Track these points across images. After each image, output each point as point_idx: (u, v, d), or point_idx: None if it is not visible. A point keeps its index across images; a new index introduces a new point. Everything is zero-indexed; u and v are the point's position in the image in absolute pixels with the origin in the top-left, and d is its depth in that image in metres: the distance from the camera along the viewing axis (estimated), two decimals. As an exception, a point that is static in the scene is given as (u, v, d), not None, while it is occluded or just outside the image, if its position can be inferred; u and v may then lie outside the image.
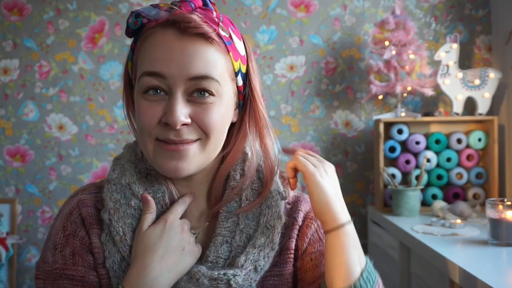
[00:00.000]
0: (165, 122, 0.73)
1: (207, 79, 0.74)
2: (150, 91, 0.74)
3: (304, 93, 2.24)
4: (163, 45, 0.73)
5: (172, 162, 0.75)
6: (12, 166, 2.27)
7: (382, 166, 1.99)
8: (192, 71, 0.73)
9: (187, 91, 0.74)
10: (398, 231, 1.70)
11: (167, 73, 0.73)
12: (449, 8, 2.22)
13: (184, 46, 0.73)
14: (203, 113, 0.74)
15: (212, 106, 0.75)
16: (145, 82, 0.74)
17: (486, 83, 1.99)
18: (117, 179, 0.81)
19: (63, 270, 0.77)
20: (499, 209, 1.35)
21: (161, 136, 0.74)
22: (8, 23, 2.28)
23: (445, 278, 1.32)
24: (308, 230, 0.86)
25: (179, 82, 0.73)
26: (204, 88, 0.74)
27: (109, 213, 0.78)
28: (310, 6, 2.25)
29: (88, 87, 2.27)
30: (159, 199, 0.80)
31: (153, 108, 0.74)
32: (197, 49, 0.73)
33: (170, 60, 0.72)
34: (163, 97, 0.74)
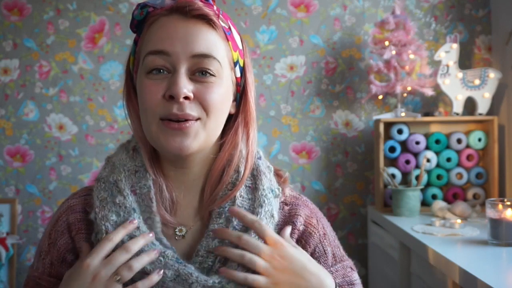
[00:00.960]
0: (169, 95, 0.74)
1: (209, 58, 0.76)
2: (153, 71, 0.76)
3: (304, 93, 2.24)
4: (168, 26, 0.77)
5: (177, 139, 0.75)
6: (12, 166, 2.27)
7: (382, 166, 1.99)
8: (195, 49, 0.75)
9: (190, 70, 0.76)
10: (398, 231, 1.70)
11: (171, 50, 0.75)
12: (449, 8, 2.22)
13: (188, 26, 0.76)
14: (205, 91, 0.76)
15: (213, 85, 0.77)
16: (149, 61, 0.76)
17: (486, 83, 1.99)
18: (106, 177, 0.81)
19: (38, 279, 0.80)
20: (499, 209, 1.35)
21: (165, 113, 0.75)
22: (8, 23, 2.28)
23: (445, 278, 1.32)
24: (311, 239, 0.85)
25: (183, 59, 0.75)
26: (206, 67, 0.76)
27: (95, 212, 0.78)
28: (310, 6, 2.25)
29: (88, 87, 2.27)
30: (145, 195, 0.80)
31: (157, 85, 0.76)
32: (200, 30, 0.77)
33: (174, 38, 0.75)
34: (166, 76, 0.76)
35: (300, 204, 0.87)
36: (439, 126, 2.08)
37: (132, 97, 0.84)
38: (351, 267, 0.89)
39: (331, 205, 2.21)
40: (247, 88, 0.85)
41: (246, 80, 0.85)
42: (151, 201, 0.80)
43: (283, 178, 0.88)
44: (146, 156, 0.82)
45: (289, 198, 0.88)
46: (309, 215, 0.86)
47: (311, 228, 0.85)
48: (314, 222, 0.86)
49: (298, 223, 0.85)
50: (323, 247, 0.85)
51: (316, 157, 2.24)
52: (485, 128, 2.02)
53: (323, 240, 0.85)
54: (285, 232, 0.82)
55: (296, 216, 0.85)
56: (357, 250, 2.19)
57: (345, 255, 0.90)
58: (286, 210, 0.86)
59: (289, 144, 2.24)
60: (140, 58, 0.79)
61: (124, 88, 0.85)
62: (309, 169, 2.23)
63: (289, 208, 0.86)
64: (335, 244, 0.88)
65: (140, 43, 0.81)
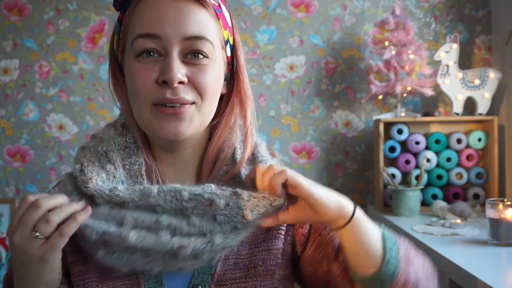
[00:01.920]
0: (162, 81, 0.72)
1: (201, 39, 0.74)
2: (143, 54, 0.74)
3: (304, 93, 2.24)
4: (157, 6, 0.74)
5: (172, 124, 0.74)
6: (12, 166, 2.27)
7: (382, 166, 1.99)
8: (187, 31, 0.73)
9: (182, 52, 0.74)
10: (398, 231, 1.70)
11: (162, 33, 0.72)
12: (449, 8, 2.22)
13: (178, 6, 0.73)
14: (199, 74, 0.74)
15: (206, 67, 0.75)
16: (139, 44, 0.74)
17: (486, 83, 1.99)
18: (93, 147, 0.79)
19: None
20: (499, 209, 1.35)
21: (158, 98, 0.73)
22: (8, 23, 2.28)
23: (445, 278, 1.32)
24: None
25: (175, 42, 0.73)
26: (199, 49, 0.74)
27: (82, 165, 0.75)
28: (310, 6, 2.25)
29: (88, 87, 2.27)
30: (135, 171, 0.78)
31: (148, 69, 0.73)
32: (192, 10, 0.74)
33: (165, 20, 0.73)
34: (157, 59, 0.74)
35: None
36: (439, 126, 2.08)
37: (119, 78, 0.82)
38: None
39: (331, 205, 2.21)
40: (239, 67, 0.83)
41: (237, 58, 0.83)
42: (142, 178, 0.77)
43: (273, 155, 0.88)
44: (138, 134, 0.80)
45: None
46: None
47: None
48: None
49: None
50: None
51: (316, 157, 2.24)
52: (485, 128, 2.02)
53: None
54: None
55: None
56: (357, 250, 2.19)
57: None
58: None
59: (289, 144, 2.24)
60: (127, 40, 0.77)
61: (109, 69, 0.83)
62: (309, 169, 2.23)
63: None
64: None
65: (126, 22, 0.78)
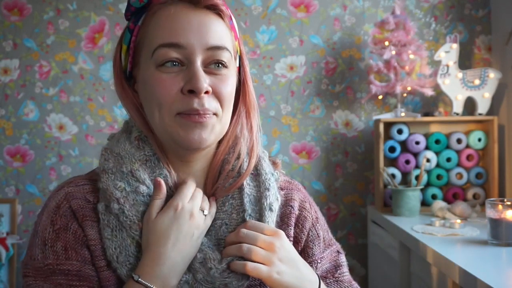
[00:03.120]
0: (188, 90, 0.73)
1: (222, 49, 0.76)
2: (167, 64, 0.74)
3: (304, 93, 2.24)
4: (179, 16, 0.75)
5: (196, 131, 0.75)
6: (12, 166, 2.27)
7: (382, 166, 1.99)
8: (210, 41, 0.75)
9: (205, 62, 0.75)
10: (398, 231, 1.70)
11: (186, 43, 0.74)
12: (449, 8, 2.22)
13: (200, 17, 0.75)
14: (221, 84, 0.76)
15: (226, 77, 0.77)
16: (162, 54, 0.74)
17: (486, 83, 1.99)
18: (114, 168, 0.78)
19: (56, 266, 0.74)
20: (499, 209, 1.35)
21: (184, 108, 0.74)
22: (8, 23, 2.28)
23: (445, 278, 1.32)
24: (306, 223, 0.87)
25: (198, 51, 0.74)
26: (220, 59, 0.76)
27: (119, 203, 0.75)
28: (310, 6, 2.25)
29: (88, 87, 2.27)
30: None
31: (172, 79, 0.74)
32: (212, 21, 0.76)
33: (188, 30, 0.74)
34: (180, 69, 0.75)
35: (294, 189, 0.90)
36: (439, 126, 2.08)
37: (127, 88, 0.82)
38: (338, 251, 0.92)
39: (331, 205, 2.21)
40: (246, 77, 0.84)
41: (244, 69, 0.84)
42: (171, 190, 0.79)
43: (276, 164, 0.89)
44: (156, 145, 0.81)
45: (283, 183, 0.90)
46: (303, 199, 0.89)
47: (305, 212, 0.88)
48: (307, 206, 0.89)
49: (295, 207, 0.87)
50: (316, 231, 0.88)
51: (316, 157, 2.24)
52: (485, 128, 2.02)
53: (315, 224, 0.88)
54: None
55: (292, 200, 0.87)
56: (357, 250, 2.19)
57: (333, 238, 0.93)
58: (282, 194, 0.87)
59: (289, 144, 2.24)
60: (144, 49, 0.77)
61: (116, 80, 0.82)
62: (309, 169, 2.23)
63: (285, 193, 0.88)
64: (325, 228, 0.91)
65: (140, 32, 0.78)
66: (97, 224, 0.76)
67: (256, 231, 0.77)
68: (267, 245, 0.76)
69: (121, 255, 0.74)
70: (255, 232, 0.77)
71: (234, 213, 0.80)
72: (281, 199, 0.86)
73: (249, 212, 0.79)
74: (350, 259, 0.94)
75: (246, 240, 0.76)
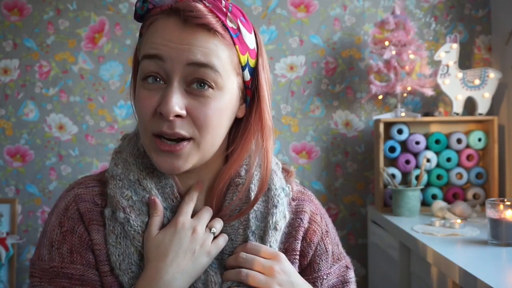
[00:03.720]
0: (160, 112, 0.71)
1: (206, 67, 0.71)
2: (149, 79, 0.72)
3: (304, 93, 2.24)
4: (164, 32, 0.72)
5: (168, 160, 0.73)
6: (12, 166, 2.27)
7: (382, 166, 1.99)
8: (191, 57, 0.70)
9: (186, 80, 0.72)
10: (398, 231, 1.70)
11: (165, 56, 0.70)
12: (449, 8, 2.22)
13: (184, 35, 0.71)
14: (200, 108, 0.72)
15: (210, 100, 0.72)
16: (145, 66, 0.72)
17: (486, 83, 1.99)
18: (122, 174, 0.78)
19: (61, 269, 0.74)
20: (499, 209, 1.35)
21: (155, 130, 0.72)
22: (8, 23, 2.28)
23: (445, 278, 1.32)
24: (314, 237, 0.84)
25: (177, 67, 0.71)
26: (203, 78, 0.71)
27: (125, 212, 0.75)
28: (310, 6, 2.25)
29: (88, 87, 2.27)
30: (168, 194, 0.78)
31: (150, 98, 0.72)
32: (198, 39, 0.71)
33: (169, 46, 0.71)
34: (161, 86, 0.72)
35: (306, 200, 0.87)
36: (439, 126, 2.08)
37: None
38: (347, 266, 0.89)
39: (331, 205, 2.21)
40: (259, 91, 0.79)
41: (258, 82, 0.79)
42: (177, 199, 0.79)
43: (290, 173, 0.87)
44: None
45: (296, 193, 0.87)
46: (314, 212, 0.86)
47: (315, 225, 0.85)
48: (318, 219, 0.86)
49: (305, 220, 0.84)
50: (325, 245, 0.85)
51: (316, 157, 2.24)
52: (485, 128, 2.02)
53: (325, 238, 0.86)
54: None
55: (303, 212, 0.85)
56: (357, 250, 2.19)
57: (343, 252, 0.90)
58: (293, 205, 0.85)
59: (289, 144, 2.24)
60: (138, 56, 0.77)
61: (131, 82, 0.82)
62: (309, 169, 2.23)
63: (296, 204, 0.86)
64: (335, 242, 0.88)
65: (141, 40, 0.78)
66: (103, 229, 0.77)
67: (256, 254, 0.76)
68: (267, 269, 0.75)
69: (124, 263, 0.75)
70: (254, 256, 0.76)
71: (241, 228, 0.79)
72: (291, 211, 0.84)
73: (253, 228, 0.79)
74: (350, 259, 0.92)
75: (245, 265, 0.76)
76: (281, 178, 0.84)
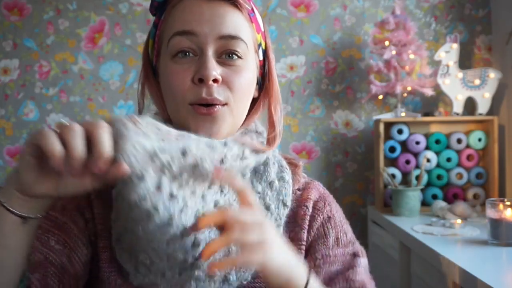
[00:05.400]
0: (198, 79, 0.73)
1: (236, 39, 0.75)
2: (179, 54, 0.75)
3: (304, 93, 2.24)
4: (194, 7, 0.75)
5: (206, 124, 0.74)
6: (12, 166, 2.27)
7: (382, 166, 1.99)
8: (223, 30, 0.74)
9: (217, 52, 0.75)
10: (398, 231, 1.70)
11: (198, 31, 0.74)
12: (449, 8, 2.22)
13: (214, 8, 0.75)
14: (233, 75, 0.75)
15: (240, 68, 0.76)
16: (175, 43, 0.75)
17: (486, 83, 1.99)
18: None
19: (50, 213, 0.75)
20: (499, 209, 1.35)
21: (194, 98, 0.74)
22: (8, 23, 2.28)
23: (445, 278, 1.32)
24: (314, 222, 0.83)
25: (210, 40, 0.74)
26: (233, 49, 0.75)
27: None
28: (310, 6, 2.25)
29: (88, 87, 2.27)
30: None
31: (184, 70, 0.74)
32: (227, 11, 0.76)
33: (200, 20, 0.74)
34: (193, 59, 0.75)
35: (311, 188, 0.87)
36: (439, 126, 2.08)
37: (153, 81, 0.82)
38: (354, 253, 0.86)
39: (331, 205, 2.21)
40: (271, 71, 0.83)
41: (269, 63, 0.84)
42: None
43: (298, 166, 0.87)
44: None
45: (302, 184, 0.87)
46: (318, 199, 0.86)
47: (316, 211, 0.84)
48: (320, 205, 0.85)
49: (310, 208, 0.84)
50: (324, 229, 0.84)
51: (316, 157, 2.24)
52: (485, 128, 2.02)
53: (326, 223, 0.84)
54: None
55: (308, 199, 0.85)
56: (357, 250, 2.19)
57: (354, 241, 0.88)
58: (298, 194, 0.85)
59: (289, 144, 2.24)
60: (163, 41, 0.78)
61: (142, 73, 0.83)
62: (309, 169, 2.23)
63: (301, 193, 0.86)
64: (341, 229, 0.86)
65: (162, 25, 0.79)
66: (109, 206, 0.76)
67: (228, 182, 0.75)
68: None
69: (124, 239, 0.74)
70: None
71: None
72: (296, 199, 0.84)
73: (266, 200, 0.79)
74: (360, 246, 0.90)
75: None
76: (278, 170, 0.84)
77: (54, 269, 0.72)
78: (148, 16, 2.22)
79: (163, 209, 0.63)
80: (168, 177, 0.64)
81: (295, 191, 0.85)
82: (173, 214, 0.63)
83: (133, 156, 0.61)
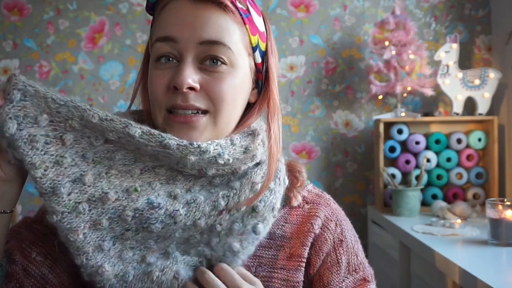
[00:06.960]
0: (173, 86, 0.70)
1: (219, 45, 0.71)
2: (162, 59, 0.72)
3: (304, 93, 2.24)
4: (176, 12, 0.72)
5: (183, 132, 0.70)
6: None
7: (382, 166, 1.99)
8: (204, 35, 0.70)
9: (199, 57, 0.71)
10: (398, 231, 1.70)
11: (178, 37, 0.70)
12: (449, 8, 2.22)
13: (196, 11, 0.71)
14: (213, 82, 0.71)
15: (224, 75, 0.71)
16: (157, 48, 0.72)
17: (486, 83, 1.99)
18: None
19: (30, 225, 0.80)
20: (499, 209, 1.35)
21: (169, 104, 0.71)
22: (8, 23, 2.28)
23: (445, 278, 1.32)
24: (324, 245, 0.79)
25: (190, 46, 0.70)
26: (215, 55, 0.71)
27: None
28: (310, 6, 2.25)
29: (88, 87, 2.27)
30: None
31: (163, 75, 0.71)
32: (211, 15, 0.71)
33: (182, 25, 0.71)
34: (173, 65, 0.72)
35: (322, 203, 0.82)
36: (439, 126, 2.08)
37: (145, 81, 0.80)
38: (364, 278, 0.83)
39: (331, 205, 2.21)
40: (270, 75, 0.79)
41: (268, 66, 0.79)
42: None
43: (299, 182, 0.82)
44: None
45: (311, 196, 0.83)
46: (329, 217, 0.81)
47: (327, 233, 0.80)
48: (332, 226, 0.81)
49: (316, 225, 0.80)
50: (337, 255, 0.80)
51: (316, 157, 2.24)
52: (485, 128, 2.02)
53: (338, 247, 0.81)
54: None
55: (315, 217, 0.80)
56: (357, 250, 2.19)
57: (364, 263, 0.85)
58: (306, 209, 0.81)
59: (289, 144, 2.24)
60: (150, 44, 0.76)
61: (140, 73, 0.81)
62: (309, 169, 2.23)
63: (309, 207, 0.81)
64: (352, 252, 0.83)
65: (153, 27, 0.77)
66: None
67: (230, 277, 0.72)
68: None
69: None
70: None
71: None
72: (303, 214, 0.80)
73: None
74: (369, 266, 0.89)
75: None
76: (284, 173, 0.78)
77: (34, 280, 0.71)
78: (148, 16, 2.21)
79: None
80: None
81: (303, 204, 0.81)
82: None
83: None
